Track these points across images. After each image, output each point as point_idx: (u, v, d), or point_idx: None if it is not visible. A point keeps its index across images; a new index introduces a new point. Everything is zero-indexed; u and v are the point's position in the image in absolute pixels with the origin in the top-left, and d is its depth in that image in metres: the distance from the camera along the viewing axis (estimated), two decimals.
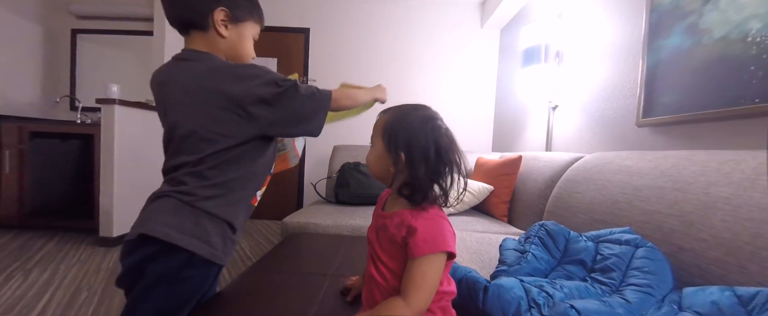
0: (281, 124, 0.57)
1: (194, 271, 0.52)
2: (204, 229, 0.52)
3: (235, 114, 0.54)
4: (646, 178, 0.76)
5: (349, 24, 2.59)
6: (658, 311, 0.49)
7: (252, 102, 0.54)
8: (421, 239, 0.40)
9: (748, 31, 0.76)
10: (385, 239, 0.45)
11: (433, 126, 0.44)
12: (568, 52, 1.56)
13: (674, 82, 0.97)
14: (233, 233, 0.58)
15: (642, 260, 0.58)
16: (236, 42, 0.61)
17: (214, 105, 0.53)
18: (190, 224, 0.51)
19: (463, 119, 2.58)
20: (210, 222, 0.53)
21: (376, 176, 0.48)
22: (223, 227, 0.55)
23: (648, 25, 1.07)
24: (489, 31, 2.55)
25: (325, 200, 1.73)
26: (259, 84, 0.55)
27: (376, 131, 0.47)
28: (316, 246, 0.99)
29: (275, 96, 0.55)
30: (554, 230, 0.74)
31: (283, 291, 0.64)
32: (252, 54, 0.65)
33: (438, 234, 0.41)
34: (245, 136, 0.55)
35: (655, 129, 1.06)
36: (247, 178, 0.58)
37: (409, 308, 0.39)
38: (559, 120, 1.62)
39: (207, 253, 0.52)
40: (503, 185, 1.41)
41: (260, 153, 0.60)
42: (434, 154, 0.42)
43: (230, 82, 0.54)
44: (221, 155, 0.54)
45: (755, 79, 0.75)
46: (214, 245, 0.53)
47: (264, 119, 0.55)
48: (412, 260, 0.41)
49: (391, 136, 0.44)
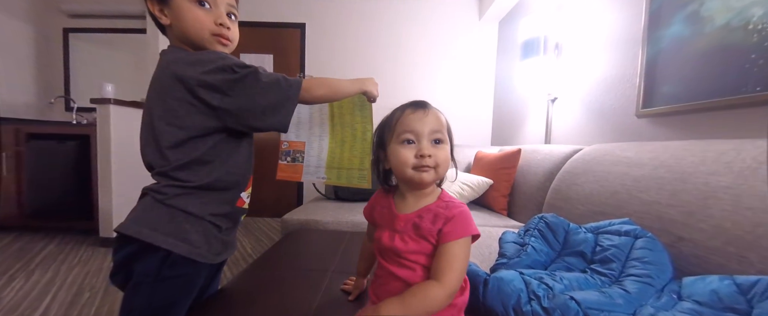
0: (243, 117, 0.51)
1: (176, 270, 0.50)
2: (180, 226, 0.50)
3: (189, 103, 0.50)
4: (646, 169, 0.76)
5: (346, 18, 2.56)
6: (658, 301, 0.49)
7: (203, 89, 0.49)
8: (458, 225, 0.42)
9: (749, 18, 0.75)
10: (414, 238, 0.44)
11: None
12: (568, 43, 1.54)
13: (674, 72, 0.96)
14: (219, 231, 0.55)
15: (641, 250, 0.58)
16: (179, 24, 0.53)
17: (172, 96, 0.50)
18: (166, 221, 0.49)
19: (462, 113, 2.57)
20: (187, 220, 0.51)
21: (441, 176, 0.46)
22: (205, 225, 0.53)
23: (648, 14, 1.06)
24: (487, 24, 2.52)
25: (325, 197, 1.73)
26: (210, 70, 0.49)
27: (445, 130, 0.46)
28: (316, 243, 0.99)
29: (229, 83, 0.49)
30: (554, 223, 0.74)
31: (284, 288, 0.64)
32: (207, 25, 0.53)
33: (469, 219, 0.43)
34: (202, 128, 0.51)
35: (655, 120, 1.06)
36: (223, 179, 0.54)
37: (443, 288, 0.39)
38: (558, 112, 1.61)
39: (185, 251, 0.50)
40: (502, 179, 1.41)
41: (233, 151, 0.55)
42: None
43: (183, 68, 0.50)
44: (186, 152, 0.51)
45: (756, 67, 0.74)
46: (193, 243, 0.51)
47: (222, 111, 0.50)
48: (444, 245, 0.41)
49: (450, 132, 0.47)
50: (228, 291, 0.64)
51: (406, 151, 0.44)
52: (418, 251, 0.43)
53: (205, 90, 0.49)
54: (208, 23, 0.53)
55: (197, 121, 0.50)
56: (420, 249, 0.43)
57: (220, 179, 0.53)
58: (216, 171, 0.53)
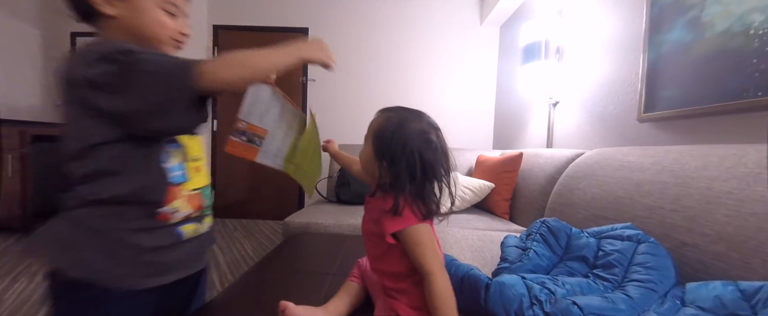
0: (139, 120, 0.41)
1: (78, 294, 0.43)
2: (82, 245, 0.43)
3: (76, 106, 0.42)
4: (648, 173, 0.76)
5: (348, 23, 2.58)
6: (661, 307, 0.49)
7: (88, 89, 0.40)
8: (390, 221, 0.44)
9: (750, 23, 0.76)
10: (374, 218, 0.48)
11: (424, 141, 0.44)
12: (569, 48, 1.55)
13: (676, 76, 0.96)
14: (142, 252, 0.45)
15: (644, 255, 0.58)
16: (133, 18, 0.46)
17: (67, 99, 0.43)
18: (66, 239, 0.44)
19: (464, 117, 2.57)
20: (93, 238, 0.43)
21: (364, 173, 0.52)
22: (114, 246, 0.44)
23: (649, 19, 1.06)
24: (488, 28, 2.53)
25: (327, 200, 1.73)
26: (92, 61, 0.40)
27: (369, 133, 0.48)
28: (318, 246, 0.99)
29: (111, 77, 0.39)
30: (556, 227, 0.74)
31: (285, 290, 0.64)
32: (169, 31, 0.48)
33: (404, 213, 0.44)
34: (101, 135, 0.42)
35: (657, 124, 1.06)
36: (136, 193, 0.44)
37: (434, 275, 0.42)
38: (559, 116, 1.61)
39: (81, 273, 0.42)
40: (504, 183, 1.41)
41: (144, 159, 0.45)
42: (421, 173, 0.43)
43: (72, 65, 0.42)
44: (88, 163, 0.43)
45: (758, 72, 0.74)
46: (92, 265, 0.43)
47: (115, 115, 0.40)
48: (402, 242, 0.44)
49: (380, 145, 0.45)
50: (229, 293, 0.64)
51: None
52: (376, 231, 0.47)
53: (91, 90, 0.40)
54: (171, 29, 0.49)
55: (94, 127, 0.42)
56: (377, 230, 0.47)
57: (133, 192, 0.44)
58: (124, 183, 0.44)
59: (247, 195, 2.69)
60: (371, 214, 0.49)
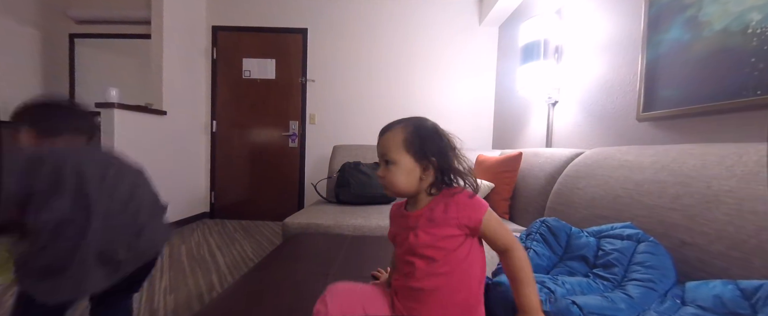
0: None
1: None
2: None
3: None
4: (647, 172, 0.76)
5: (347, 23, 2.58)
6: (661, 306, 0.49)
7: None
8: (472, 212, 0.47)
9: (748, 22, 0.76)
10: (428, 231, 0.48)
11: (439, 129, 0.51)
12: (568, 47, 1.55)
13: (674, 75, 0.97)
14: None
15: (644, 254, 0.58)
16: None
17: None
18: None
19: (463, 117, 2.57)
20: None
21: (403, 191, 0.50)
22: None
23: (647, 18, 1.06)
24: (487, 28, 2.54)
25: (326, 200, 1.73)
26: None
27: (397, 149, 0.49)
28: (317, 246, 0.99)
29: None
30: (555, 226, 0.74)
31: (285, 291, 0.64)
32: None
33: (474, 200, 0.48)
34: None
35: (656, 123, 1.06)
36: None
37: (515, 249, 0.47)
38: (559, 116, 1.61)
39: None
40: (504, 182, 1.41)
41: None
42: (451, 150, 0.50)
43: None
44: None
45: (756, 71, 0.74)
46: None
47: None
48: (481, 229, 0.47)
49: (422, 146, 0.49)
50: (229, 294, 0.64)
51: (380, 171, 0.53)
52: (429, 244, 0.48)
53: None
54: None
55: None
56: (431, 242, 0.48)
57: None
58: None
59: (246, 196, 2.69)
60: (416, 224, 0.49)
